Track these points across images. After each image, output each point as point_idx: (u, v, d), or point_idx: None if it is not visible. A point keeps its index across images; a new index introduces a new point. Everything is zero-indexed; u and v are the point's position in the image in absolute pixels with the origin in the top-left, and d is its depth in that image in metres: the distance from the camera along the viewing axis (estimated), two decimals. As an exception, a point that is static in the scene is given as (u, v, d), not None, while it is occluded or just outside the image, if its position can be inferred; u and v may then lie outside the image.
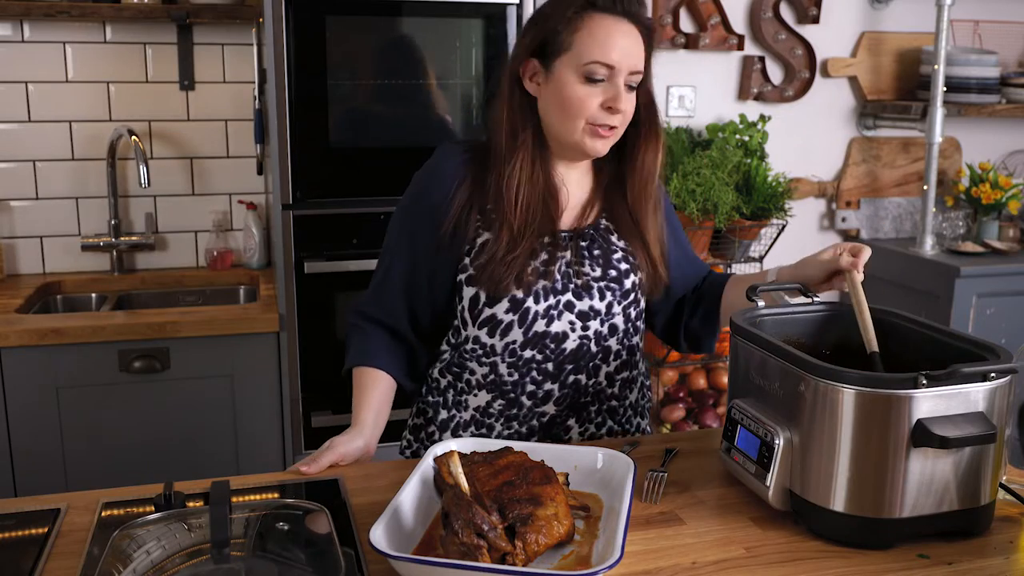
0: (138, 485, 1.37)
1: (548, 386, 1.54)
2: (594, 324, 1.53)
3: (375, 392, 1.55)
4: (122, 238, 2.84)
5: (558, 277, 1.51)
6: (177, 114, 2.87)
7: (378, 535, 1.08)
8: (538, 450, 1.33)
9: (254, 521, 1.22)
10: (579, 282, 1.52)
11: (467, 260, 1.52)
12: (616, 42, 1.43)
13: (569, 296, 1.51)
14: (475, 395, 1.57)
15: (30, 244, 2.83)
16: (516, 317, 1.50)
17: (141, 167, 2.55)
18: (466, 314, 1.53)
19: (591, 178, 1.60)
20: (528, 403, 1.55)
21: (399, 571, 1.08)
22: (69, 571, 1.12)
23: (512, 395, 1.55)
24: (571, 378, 1.55)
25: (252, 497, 1.34)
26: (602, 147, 1.49)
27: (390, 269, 1.58)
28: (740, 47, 3.15)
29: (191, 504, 1.27)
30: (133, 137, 2.63)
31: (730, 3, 3.15)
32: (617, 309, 1.55)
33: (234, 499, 1.25)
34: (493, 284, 1.48)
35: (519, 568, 1.07)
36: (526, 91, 1.50)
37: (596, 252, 1.55)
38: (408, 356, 1.61)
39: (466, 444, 1.34)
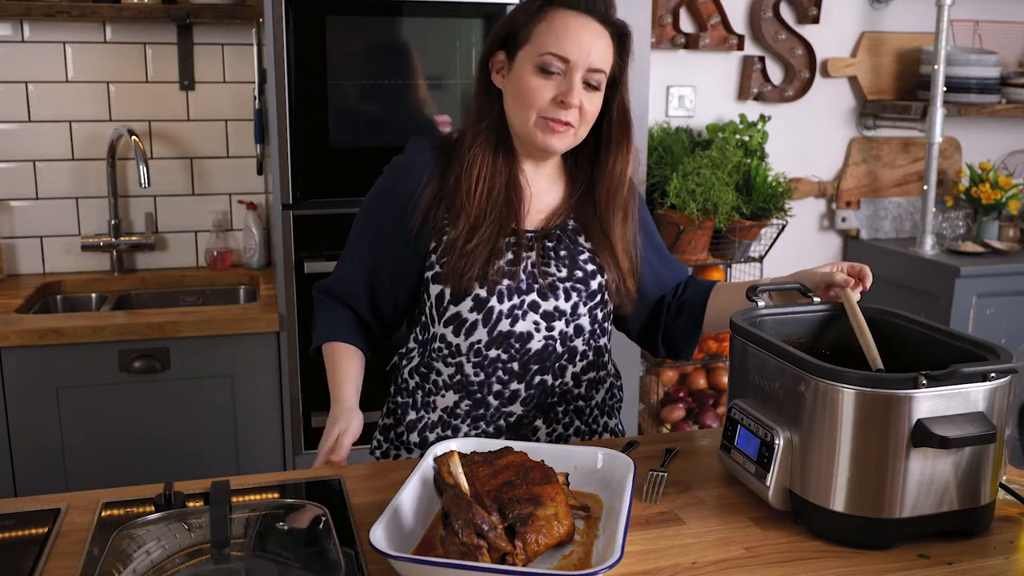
0: (138, 485, 1.37)
1: (514, 386, 1.54)
2: (559, 325, 1.52)
3: (351, 366, 1.56)
4: (122, 238, 2.84)
5: (523, 277, 1.50)
6: (177, 114, 2.86)
7: (378, 535, 1.08)
8: (538, 450, 1.33)
9: (254, 521, 1.22)
10: (544, 282, 1.51)
11: (434, 258, 1.52)
12: (575, 36, 1.42)
13: (534, 296, 1.51)
14: (442, 396, 1.56)
15: (30, 244, 2.83)
16: (480, 316, 1.49)
17: (141, 167, 2.55)
18: (433, 311, 1.53)
19: (563, 186, 1.59)
20: (495, 403, 1.54)
21: (399, 571, 1.08)
22: (69, 571, 1.12)
23: (479, 395, 1.54)
24: (537, 378, 1.54)
25: (252, 497, 1.34)
26: (556, 143, 1.47)
27: (354, 260, 1.59)
28: (740, 47, 3.15)
29: (191, 504, 1.27)
30: (133, 137, 2.63)
31: (730, 3, 3.15)
32: (583, 310, 1.54)
33: (234, 499, 1.25)
34: (456, 277, 1.48)
35: (519, 568, 1.08)
36: (494, 85, 1.51)
37: (562, 253, 1.54)
38: (368, 335, 1.62)
39: (466, 444, 1.34)
